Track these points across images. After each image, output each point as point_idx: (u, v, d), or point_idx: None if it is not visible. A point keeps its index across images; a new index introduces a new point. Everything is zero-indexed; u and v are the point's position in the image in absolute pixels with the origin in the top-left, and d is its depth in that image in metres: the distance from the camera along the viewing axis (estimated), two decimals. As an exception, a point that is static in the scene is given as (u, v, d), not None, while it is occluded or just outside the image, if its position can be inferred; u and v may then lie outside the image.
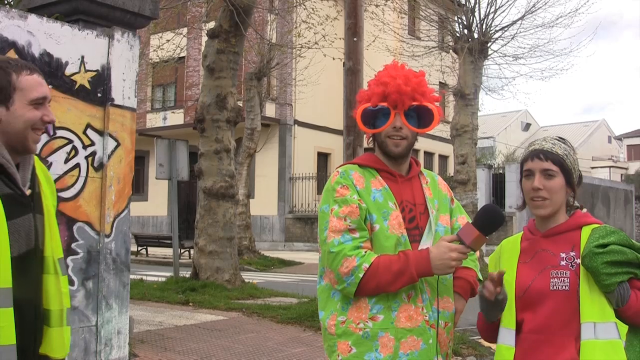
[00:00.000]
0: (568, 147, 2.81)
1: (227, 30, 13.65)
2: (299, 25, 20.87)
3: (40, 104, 2.47)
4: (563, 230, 2.76)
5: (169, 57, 24.43)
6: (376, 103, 2.89)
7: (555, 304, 2.68)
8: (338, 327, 2.85)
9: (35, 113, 2.45)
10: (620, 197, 33.97)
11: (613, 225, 2.78)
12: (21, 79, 2.43)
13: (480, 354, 8.16)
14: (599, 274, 2.58)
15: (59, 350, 2.54)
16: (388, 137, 2.93)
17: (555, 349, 2.66)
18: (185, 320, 9.91)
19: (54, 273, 2.52)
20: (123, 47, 5.90)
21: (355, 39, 10.03)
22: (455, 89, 18.96)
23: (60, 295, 2.54)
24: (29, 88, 2.44)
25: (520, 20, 19.35)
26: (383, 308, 2.81)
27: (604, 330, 2.58)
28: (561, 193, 2.75)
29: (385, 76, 2.92)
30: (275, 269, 21.40)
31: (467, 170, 18.73)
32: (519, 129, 62.91)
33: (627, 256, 2.59)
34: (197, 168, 13.88)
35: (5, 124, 2.40)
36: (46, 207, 2.54)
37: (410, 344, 2.82)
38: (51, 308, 2.51)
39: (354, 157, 9.36)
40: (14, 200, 2.37)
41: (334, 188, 2.90)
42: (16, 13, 5.26)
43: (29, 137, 2.45)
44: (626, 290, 2.59)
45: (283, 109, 31.88)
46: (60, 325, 2.53)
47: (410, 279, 2.75)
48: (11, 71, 2.43)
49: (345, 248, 2.77)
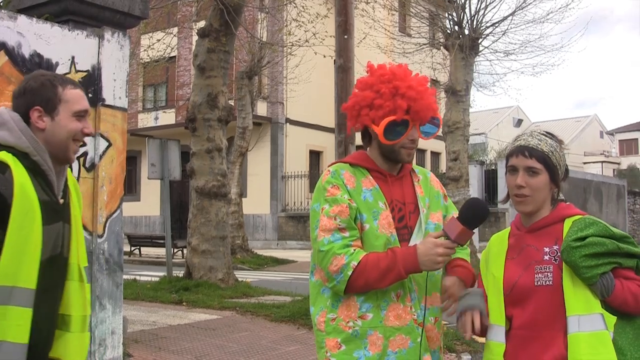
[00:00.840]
0: (554, 142, 2.79)
1: (217, 29, 13.63)
2: (289, 23, 20.87)
3: (82, 117, 2.61)
4: (546, 224, 2.76)
5: (160, 57, 24.38)
6: (402, 117, 2.86)
7: (541, 300, 2.69)
8: (328, 324, 2.88)
9: (77, 124, 2.59)
10: (612, 192, 34.06)
11: (606, 221, 2.77)
12: (66, 92, 2.58)
13: (475, 350, 8.17)
14: (579, 268, 2.58)
15: (78, 355, 2.66)
16: (403, 148, 2.93)
17: (543, 344, 2.67)
18: (179, 320, 9.90)
19: (78, 280, 2.66)
20: (113, 47, 5.89)
21: (346, 36, 10.03)
22: (447, 86, 18.96)
23: (83, 302, 2.68)
24: (73, 100, 2.59)
25: (511, 16, 19.37)
26: (372, 307, 2.84)
27: (589, 322, 2.57)
28: (544, 190, 2.75)
29: (408, 88, 2.87)
30: (268, 268, 21.42)
31: (459, 167, 18.74)
32: (510, 125, 63.04)
33: (607, 247, 2.57)
34: (189, 167, 13.87)
35: (50, 133, 2.54)
36: (74, 217, 2.68)
37: (399, 342, 2.84)
38: (72, 314, 2.64)
39: (345, 155, 9.38)
40: (50, 208, 2.50)
41: (324, 187, 2.91)
42: (5, 14, 5.25)
43: (70, 147, 2.59)
44: (610, 281, 2.58)
45: (274, 107, 31.88)
46: (81, 331, 2.67)
47: (398, 275, 2.77)
48: (57, 84, 2.58)
49: (334, 247, 2.79)
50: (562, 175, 2.80)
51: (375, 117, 2.88)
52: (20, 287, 2.37)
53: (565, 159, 2.85)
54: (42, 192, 2.48)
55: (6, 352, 2.34)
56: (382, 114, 2.86)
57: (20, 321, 2.36)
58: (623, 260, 2.61)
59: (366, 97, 2.91)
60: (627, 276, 2.62)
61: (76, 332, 2.64)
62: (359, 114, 2.94)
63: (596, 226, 2.62)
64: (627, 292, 2.58)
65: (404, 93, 2.86)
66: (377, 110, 2.87)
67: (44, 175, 2.52)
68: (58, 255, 2.56)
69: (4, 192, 2.35)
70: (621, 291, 2.58)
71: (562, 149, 2.82)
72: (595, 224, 2.64)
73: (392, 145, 2.92)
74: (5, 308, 2.34)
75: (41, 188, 2.48)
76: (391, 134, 2.88)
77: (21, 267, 2.37)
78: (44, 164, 2.51)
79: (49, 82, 2.57)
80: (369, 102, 2.90)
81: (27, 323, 2.38)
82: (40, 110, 2.54)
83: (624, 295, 2.58)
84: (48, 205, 2.48)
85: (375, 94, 2.89)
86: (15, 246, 2.35)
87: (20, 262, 2.37)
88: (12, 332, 2.35)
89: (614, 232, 2.62)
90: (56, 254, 2.54)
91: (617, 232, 2.63)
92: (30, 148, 2.49)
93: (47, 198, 2.49)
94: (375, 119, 2.88)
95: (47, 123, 2.54)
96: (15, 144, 2.48)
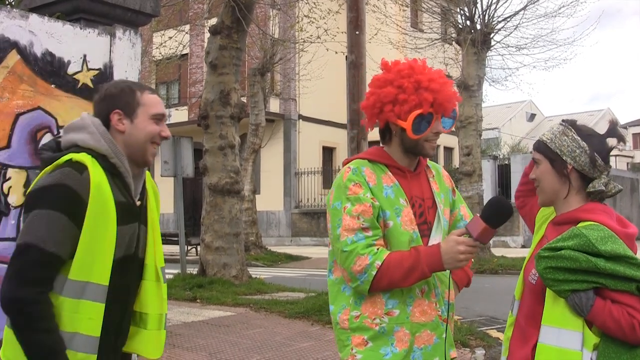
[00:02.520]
0: (560, 130, 2.70)
1: (229, 26, 13.64)
2: (301, 19, 20.84)
3: (159, 120, 2.72)
4: (563, 221, 2.68)
5: (172, 55, 24.42)
6: (427, 110, 2.85)
7: (528, 296, 2.70)
8: (352, 321, 2.86)
9: (155, 127, 2.70)
10: (626, 186, 33.89)
11: (619, 214, 2.68)
12: (144, 96, 2.69)
13: (489, 345, 8.15)
14: (544, 279, 2.49)
15: (155, 351, 2.81)
16: (427, 142, 2.92)
17: (522, 340, 2.68)
18: (193, 317, 9.93)
19: (155, 280, 2.80)
20: (125, 45, 5.89)
21: (358, 32, 10.01)
22: (459, 81, 18.92)
23: (160, 301, 2.82)
24: (151, 104, 2.70)
25: (522, 11, 19.32)
26: (398, 303, 2.83)
27: (559, 336, 2.48)
28: (548, 180, 2.69)
29: (430, 81, 2.86)
30: (282, 264, 21.42)
31: (472, 162, 18.72)
32: (523, 119, 62.74)
33: (580, 264, 2.40)
34: (202, 165, 13.89)
35: (129, 136, 2.65)
36: (151, 220, 2.80)
37: (425, 339, 2.85)
38: (149, 312, 2.78)
39: (358, 151, 9.37)
40: (126, 209, 2.61)
41: (346, 185, 2.88)
42: (17, 13, 5.26)
43: (148, 150, 2.70)
44: (585, 300, 2.41)
45: (287, 104, 31.87)
46: (158, 328, 2.82)
47: (422, 274, 2.76)
48: (136, 89, 2.70)
49: (358, 246, 2.77)
50: (576, 162, 2.64)
51: (401, 113, 2.85)
52: (94, 282, 2.49)
53: (583, 145, 2.65)
54: (119, 193, 2.59)
55: (78, 343, 2.46)
56: (407, 108, 2.84)
57: (93, 315, 2.49)
58: (609, 281, 2.41)
59: (388, 93, 2.88)
60: (616, 299, 2.42)
61: (153, 329, 2.79)
62: (382, 111, 2.90)
63: (578, 239, 2.44)
64: (607, 315, 2.40)
65: (427, 86, 2.84)
66: (402, 105, 2.84)
67: (121, 177, 2.63)
68: (132, 255, 2.68)
69: (81, 192, 2.46)
70: (600, 313, 2.40)
71: (574, 134, 2.67)
72: (579, 236, 2.44)
73: (417, 140, 2.90)
74: (78, 302, 2.47)
75: (118, 189, 2.59)
76: (417, 127, 2.86)
77: (95, 264, 2.49)
78: (122, 166, 2.62)
79: (128, 87, 2.70)
80: (392, 97, 2.87)
81: (99, 317, 2.51)
82: (120, 114, 2.64)
83: (603, 318, 2.40)
84: (124, 206, 2.60)
85: (398, 89, 2.86)
86: (90, 243, 2.47)
87: (94, 259, 2.48)
88: (84, 324, 2.47)
89: (599, 249, 2.40)
90: (129, 254, 2.66)
91: (611, 249, 2.41)
92: (109, 150, 2.60)
93: (124, 199, 2.61)
94: (401, 114, 2.85)
95: (126, 126, 2.65)
96: (95, 147, 2.58)
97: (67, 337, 2.44)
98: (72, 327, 2.45)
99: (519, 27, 19.68)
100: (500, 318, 10.13)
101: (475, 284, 3.86)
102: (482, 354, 7.80)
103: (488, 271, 17.01)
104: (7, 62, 5.12)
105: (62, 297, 2.45)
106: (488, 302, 11.82)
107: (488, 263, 17.56)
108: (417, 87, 2.85)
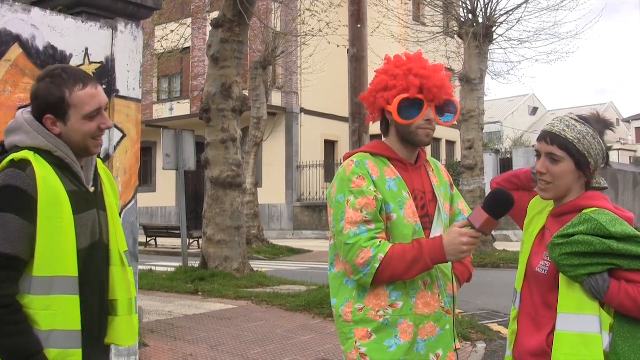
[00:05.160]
0: (587, 128, 2.68)
1: (230, 19, 13.63)
2: (303, 13, 20.81)
3: (94, 116, 2.62)
4: (565, 212, 2.69)
5: (174, 48, 24.40)
6: (414, 95, 2.85)
7: (538, 286, 2.70)
8: (355, 314, 2.86)
9: (90, 125, 2.61)
10: (629, 180, 33.84)
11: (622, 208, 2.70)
12: (74, 96, 2.57)
13: (490, 339, 8.16)
14: (560, 266, 2.52)
15: (128, 337, 2.74)
16: (419, 129, 2.91)
17: (534, 329, 2.69)
18: (194, 310, 9.95)
19: (120, 265, 2.75)
20: (127, 39, 5.90)
21: (359, 25, 10.00)
22: (461, 74, 18.92)
23: (127, 285, 2.76)
24: (82, 103, 2.59)
25: (525, 4, 19.29)
26: (402, 295, 2.83)
27: (578, 322, 2.51)
28: (567, 178, 2.67)
29: (421, 68, 2.87)
30: (284, 258, 21.44)
31: (474, 155, 18.72)
32: (526, 113, 62.74)
33: (595, 247, 2.45)
34: (204, 158, 13.90)
35: (66, 137, 2.58)
36: (109, 204, 2.77)
37: (428, 330, 2.85)
38: (118, 298, 2.71)
39: (360, 144, 9.37)
40: (80, 197, 2.58)
41: (349, 178, 2.87)
42: (19, 7, 5.27)
43: (89, 144, 2.63)
44: (601, 283, 2.47)
45: (289, 97, 31.87)
46: (128, 314, 2.74)
47: (425, 266, 2.76)
48: (65, 89, 2.57)
49: (361, 239, 2.77)
50: (595, 163, 2.68)
51: (390, 98, 2.88)
52: (61, 275, 2.44)
53: (603, 145, 2.70)
54: (70, 183, 2.55)
55: (58, 339, 2.42)
56: (395, 93, 2.86)
57: (68, 308, 2.45)
58: (622, 262, 2.47)
59: (381, 81, 2.93)
60: (630, 279, 2.48)
61: (124, 315, 2.72)
62: (375, 99, 2.94)
63: (590, 223, 2.50)
64: (623, 295, 2.46)
65: (417, 72, 2.86)
66: (391, 91, 2.88)
67: (69, 168, 2.59)
68: (98, 242, 2.64)
69: (28, 189, 2.43)
70: (617, 294, 2.46)
71: (596, 134, 2.69)
72: (590, 221, 2.50)
73: (409, 126, 2.90)
74: (49, 298, 2.43)
75: (68, 179, 2.55)
76: (405, 112, 2.87)
77: (58, 257, 2.45)
78: (67, 158, 2.57)
79: (56, 86, 2.57)
80: (384, 85, 2.91)
81: (75, 310, 2.46)
82: (52, 118, 2.57)
83: (620, 298, 2.46)
84: (77, 194, 2.56)
85: (390, 77, 2.91)
86: (48, 237, 2.43)
87: (56, 252, 2.44)
88: (60, 319, 2.43)
89: (611, 231, 2.46)
90: (95, 241, 2.63)
91: (621, 231, 2.47)
92: (49, 146, 2.55)
93: (76, 188, 2.57)
94: (390, 99, 2.88)
95: (60, 128, 2.58)
96: (34, 145, 2.54)
97: (44, 336, 2.41)
98: (48, 325, 2.42)
99: (521, 21, 19.70)
100: (502, 312, 10.14)
101: (477, 277, 3.86)
102: (483, 347, 7.81)
103: (490, 265, 17.01)
104: (10, 56, 5.14)
105: (31, 296, 2.41)
106: (489, 296, 11.82)
107: (490, 257, 17.58)
108: (407, 73, 2.87)
